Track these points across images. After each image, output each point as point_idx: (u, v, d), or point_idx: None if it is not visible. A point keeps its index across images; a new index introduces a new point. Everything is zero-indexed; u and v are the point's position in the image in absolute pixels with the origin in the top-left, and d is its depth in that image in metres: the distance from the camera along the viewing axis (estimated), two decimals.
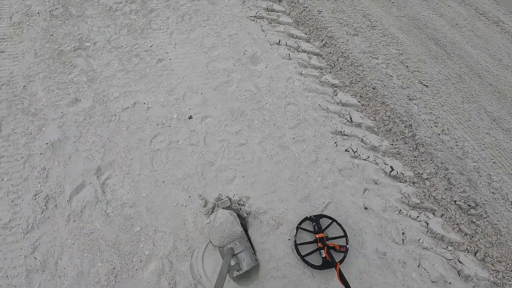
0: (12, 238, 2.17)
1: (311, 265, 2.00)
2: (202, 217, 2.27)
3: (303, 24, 3.49)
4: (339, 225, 2.17)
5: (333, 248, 2.03)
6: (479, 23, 4.02)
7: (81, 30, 3.48)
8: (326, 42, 3.24)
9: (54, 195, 2.35)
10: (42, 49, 3.29)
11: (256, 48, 3.35)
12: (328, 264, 1.98)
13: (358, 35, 3.33)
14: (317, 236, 2.07)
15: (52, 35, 3.43)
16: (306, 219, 2.20)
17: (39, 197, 2.34)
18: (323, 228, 2.15)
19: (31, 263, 2.07)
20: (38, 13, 3.60)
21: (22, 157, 2.53)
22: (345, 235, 2.11)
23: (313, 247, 2.09)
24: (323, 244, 2.03)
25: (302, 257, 2.02)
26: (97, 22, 3.56)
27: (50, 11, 3.63)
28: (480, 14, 4.20)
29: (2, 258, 2.08)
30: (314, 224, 2.16)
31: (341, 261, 1.99)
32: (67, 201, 2.32)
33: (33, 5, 3.66)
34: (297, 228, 2.16)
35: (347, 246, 2.06)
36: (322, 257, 2.01)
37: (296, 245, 2.07)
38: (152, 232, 2.21)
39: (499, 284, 1.99)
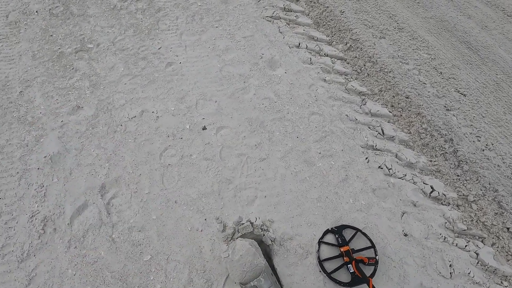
0: (5, 267, 1.91)
1: (340, 283, 1.81)
2: (221, 244, 2.01)
3: (324, 25, 3.22)
4: (365, 235, 1.99)
5: (361, 261, 1.86)
6: (509, 25, 3.76)
7: (83, 30, 3.21)
8: (350, 45, 2.97)
9: (53, 217, 2.09)
10: (41, 51, 3.02)
11: (274, 52, 3.07)
12: (358, 280, 1.80)
13: (385, 38, 3.06)
14: (342, 249, 1.90)
15: (51, 35, 3.16)
16: (327, 231, 2.00)
17: (36, 219, 2.08)
18: (347, 240, 1.96)
19: None
20: (36, 12, 3.32)
21: (18, 172, 2.26)
22: (373, 246, 1.94)
23: (339, 262, 1.91)
24: (350, 258, 1.86)
25: (329, 274, 1.84)
26: (100, 22, 3.29)
27: (50, 9, 3.36)
28: (508, 16, 3.94)
29: None
30: (337, 236, 1.98)
31: (372, 275, 1.83)
32: (68, 224, 2.06)
33: (31, 3, 3.39)
34: (319, 242, 1.96)
35: (376, 257, 1.89)
36: (351, 273, 1.83)
37: (320, 261, 1.88)
38: (164, 261, 1.95)
39: None
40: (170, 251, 1.99)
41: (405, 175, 2.26)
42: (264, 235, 2.03)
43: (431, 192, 2.18)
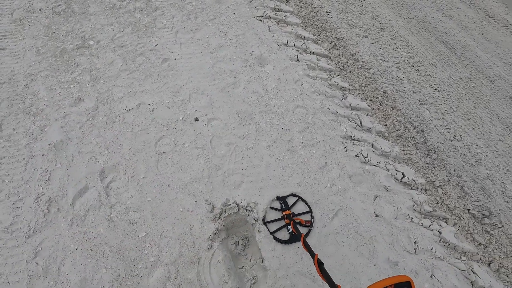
0: (13, 242, 2.10)
1: (280, 240, 2.11)
2: (209, 223, 2.22)
3: (312, 25, 3.42)
4: (304, 201, 2.29)
5: (299, 222, 2.16)
6: (489, 26, 3.96)
7: (84, 28, 3.41)
8: (335, 43, 3.17)
9: (56, 198, 2.28)
10: (44, 47, 3.21)
11: (263, 49, 3.28)
12: (294, 237, 2.11)
13: (367, 37, 3.26)
14: (284, 213, 2.21)
15: (54, 32, 3.35)
16: (276, 199, 2.33)
17: (41, 200, 2.27)
18: (289, 205, 2.27)
19: (33, 268, 2.00)
20: (40, 10, 3.51)
21: (24, 158, 2.46)
22: (310, 210, 2.24)
23: (281, 223, 2.21)
24: (289, 219, 2.16)
25: (271, 233, 2.14)
26: (100, 20, 3.48)
27: (52, 8, 3.55)
28: (489, 17, 4.14)
29: (3, 263, 2.02)
30: (281, 202, 2.28)
31: (307, 234, 2.13)
32: (70, 204, 2.25)
33: (35, 2, 3.58)
34: (268, 208, 2.28)
35: (312, 220, 2.20)
36: (289, 232, 2.14)
37: (265, 223, 2.19)
38: (158, 238, 2.15)
39: None
40: (163, 229, 2.19)
41: (379, 162, 2.46)
42: (248, 215, 2.24)
43: (402, 178, 2.39)
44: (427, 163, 2.44)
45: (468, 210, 2.20)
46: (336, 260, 2.07)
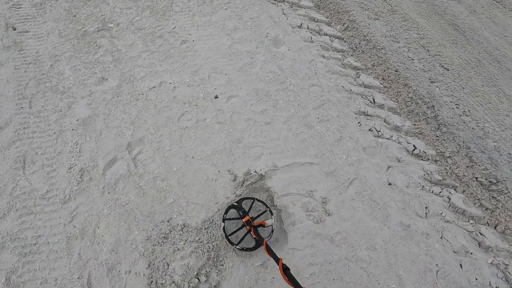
0: (50, 207, 2.26)
1: (246, 249, 2.04)
2: (232, 190, 2.36)
3: (324, 8, 3.52)
4: (260, 201, 2.21)
5: (261, 225, 2.07)
6: (496, 10, 4.04)
7: (103, 11, 3.52)
8: (347, 25, 3.27)
9: (88, 168, 2.43)
10: (66, 30, 3.33)
11: (278, 31, 3.39)
12: (258, 243, 2.03)
13: (379, 19, 3.36)
14: (243, 220, 2.09)
15: (75, 16, 3.47)
16: (229, 207, 2.20)
17: (73, 170, 2.42)
18: (247, 210, 2.17)
19: (70, 230, 2.16)
20: None
21: (55, 133, 2.60)
22: (268, 209, 2.17)
23: (244, 231, 2.11)
24: (250, 226, 2.05)
25: (235, 246, 2.04)
26: (118, 4, 3.59)
27: None
28: (497, 1, 4.21)
29: (42, 226, 2.17)
30: (237, 210, 2.17)
31: (270, 235, 2.07)
32: (101, 174, 2.40)
33: None
34: (223, 220, 2.16)
35: (271, 220, 2.11)
36: (253, 238, 2.04)
37: (226, 236, 2.08)
38: (185, 203, 2.30)
39: None
40: (190, 196, 2.34)
41: (392, 136, 2.60)
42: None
43: (414, 150, 2.53)
44: (437, 136, 2.57)
45: (476, 178, 2.34)
46: (353, 223, 2.22)
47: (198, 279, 1.97)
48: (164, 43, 3.25)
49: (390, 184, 2.38)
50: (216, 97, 2.85)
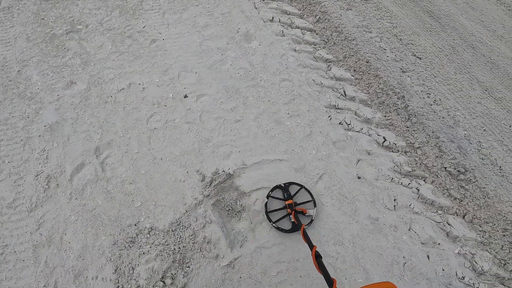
0: (17, 216, 2.24)
1: (281, 230, 2.12)
2: (200, 191, 2.34)
3: (296, 0, 3.45)
4: (307, 190, 2.28)
5: (301, 212, 2.15)
6: None
7: (72, 13, 3.45)
8: (319, 17, 3.21)
9: (55, 175, 2.40)
10: (34, 33, 3.27)
11: (249, 26, 3.33)
12: (296, 227, 2.11)
13: (351, 10, 3.30)
14: (286, 202, 2.20)
15: (43, 19, 3.40)
16: (276, 187, 2.30)
17: (40, 177, 2.40)
18: (292, 194, 2.26)
19: (37, 238, 2.15)
20: None
21: (22, 140, 2.57)
22: (313, 199, 2.23)
23: (283, 213, 2.21)
24: (291, 209, 2.14)
25: (273, 223, 2.14)
26: (88, 4, 3.53)
27: None
28: None
29: (9, 235, 2.16)
30: (283, 191, 2.27)
31: (309, 224, 2.14)
32: (68, 180, 2.38)
33: None
34: (268, 196, 2.26)
35: (315, 209, 2.18)
36: (291, 222, 2.13)
37: (267, 212, 2.19)
38: (153, 206, 2.29)
39: (485, 243, 2.08)
40: (158, 198, 2.32)
41: (362, 129, 2.57)
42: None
43: (384, 142, 2.50)
44: (407, 127, 2.54)
45: (445, 168, 2.32)
46: (321, 218, 2.21)
47: (163, 282, 1.97)
48: (133, 43, 3.19)
49: (359, 177, 2.36)
50: (186, 96, 2.81)
